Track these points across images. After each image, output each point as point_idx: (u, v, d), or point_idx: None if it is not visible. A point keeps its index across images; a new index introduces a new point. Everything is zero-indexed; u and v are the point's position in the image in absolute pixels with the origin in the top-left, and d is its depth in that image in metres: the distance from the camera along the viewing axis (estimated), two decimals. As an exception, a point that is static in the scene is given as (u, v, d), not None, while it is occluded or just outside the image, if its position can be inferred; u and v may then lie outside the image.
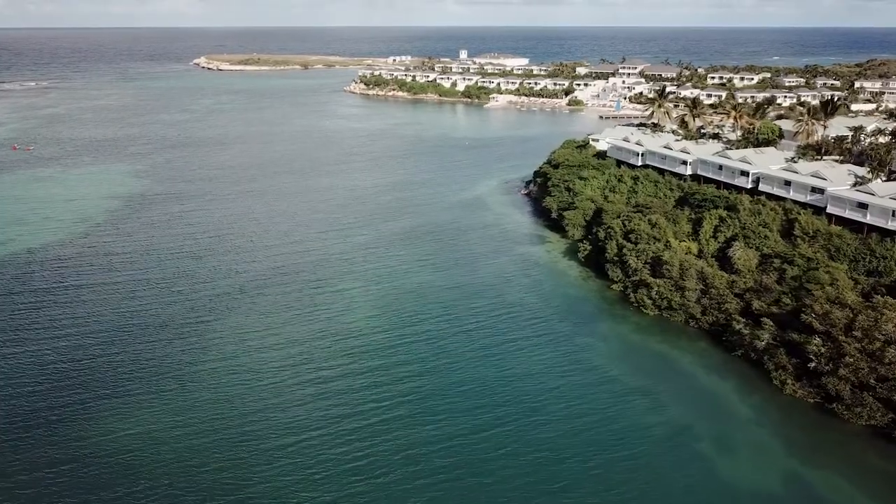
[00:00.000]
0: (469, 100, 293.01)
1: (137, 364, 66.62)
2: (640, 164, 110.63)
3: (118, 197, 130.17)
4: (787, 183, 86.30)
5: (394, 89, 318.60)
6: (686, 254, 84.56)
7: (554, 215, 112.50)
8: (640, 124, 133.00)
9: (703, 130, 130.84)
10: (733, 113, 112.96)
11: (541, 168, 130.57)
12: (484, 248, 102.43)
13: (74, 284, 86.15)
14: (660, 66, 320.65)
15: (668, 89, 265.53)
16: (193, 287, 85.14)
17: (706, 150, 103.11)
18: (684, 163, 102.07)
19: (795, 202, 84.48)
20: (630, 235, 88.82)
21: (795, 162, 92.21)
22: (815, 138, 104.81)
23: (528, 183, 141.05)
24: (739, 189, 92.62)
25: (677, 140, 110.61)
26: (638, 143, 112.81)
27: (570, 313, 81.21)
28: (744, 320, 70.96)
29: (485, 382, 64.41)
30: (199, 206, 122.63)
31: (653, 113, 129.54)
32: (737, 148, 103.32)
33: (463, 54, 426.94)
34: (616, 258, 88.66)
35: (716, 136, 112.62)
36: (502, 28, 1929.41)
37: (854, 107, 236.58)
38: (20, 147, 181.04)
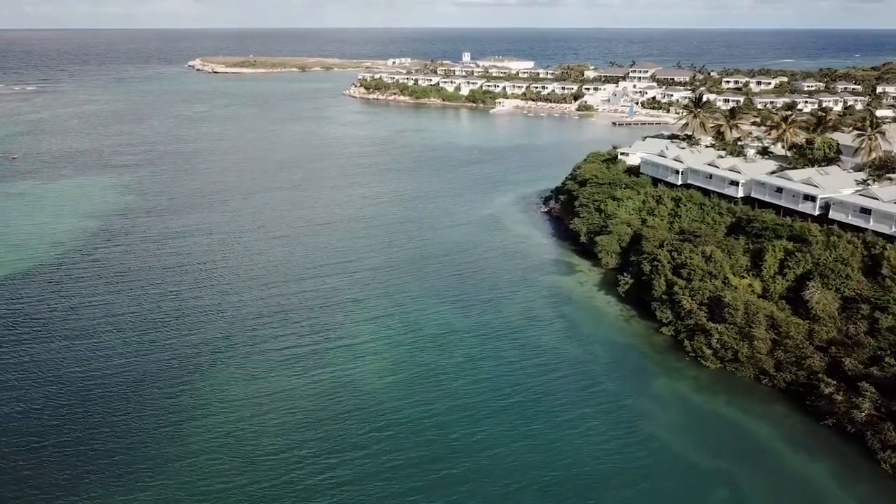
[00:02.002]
0: (474, 104, 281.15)
1: (100, 445, 54.10)
2: (680, 182, 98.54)
3: (97, 216, 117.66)
4: (866, 210, 74.21)
5: (395, 93, 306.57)
6: (749, 293, 72.69)
7: (583, 239, 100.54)
8: (673, 136, 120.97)
9: (739, 142, 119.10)
10: (783, 126, 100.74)
11: (564, 185, 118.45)
12: (507, 279, 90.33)
13: (29, 334, 72.92)
14: (671, 69, 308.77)
15: (682, 94, 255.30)
16: (172, 336, 72.29)
17: (759, 169, 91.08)
18: (734, 183, 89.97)
19: (877, 234, 72.44)
20: (681, 270, 76.79)
21: (869, 185, 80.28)
22: (878, 154, 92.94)
23: (547, 199, 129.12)
24: (804, 216, 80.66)
25: (722, 157, 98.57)
26: (677, 160, 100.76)
27: (616, 366, 69.09)
28: (834, 382, 59.06)
29: (528, 471, 52.09)
30: (184, 230, 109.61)
31: (687, 124, 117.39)
32: (793, 166, 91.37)
33: (466, 57, 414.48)
34: (665, 296, 76.70)
35: (765, 152, 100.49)
36: (499, 29, 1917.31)
37: (878, 113, 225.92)
38: (3, 156, 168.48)
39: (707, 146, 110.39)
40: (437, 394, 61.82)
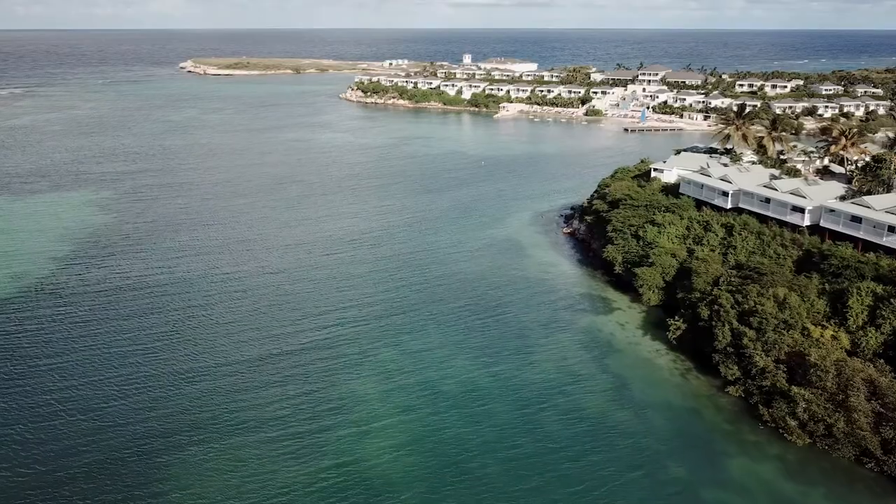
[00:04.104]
0: (476, 109, 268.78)
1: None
2: (729, 206, 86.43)
3: (69, 240, 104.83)
4: (973, 249, 62.24)
5: (394, 97, 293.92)
6: (836, 348, 60.56)
7: (618, 270, 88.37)
8: (711, 150, 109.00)
9: (782, 156, 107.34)
10: (843, 141, 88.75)
11: (592, 204, 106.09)
12: (535, 321, 78.05)
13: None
14: (681, 72, 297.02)
15: (695, 98, 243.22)
16: (139, 409, 58.73)
17: (824, 193, 79.16)
18: (798, 209, 77.89)
19: None
20: (749, 318, 64.60)
21: (968, 215, 68.34)
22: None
23: (568, 218, 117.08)
24: (889, 251, 68.63)
25: (777, 176, 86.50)
26: (725, 179, 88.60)
27: (679, 439, 56.91)
28: (969, 476, 47.05)
29: None
30: (161, 264, 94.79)
31: (729, 136, 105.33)
32: (867, 189, 79.31)
33: (467, 59, 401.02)
34: (730, 348, 64.57)
35: (826, 171, 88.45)
36: (495, 30, 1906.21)
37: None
38: None
39: (752, 162, 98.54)
40: (468, 490, 49.32)
